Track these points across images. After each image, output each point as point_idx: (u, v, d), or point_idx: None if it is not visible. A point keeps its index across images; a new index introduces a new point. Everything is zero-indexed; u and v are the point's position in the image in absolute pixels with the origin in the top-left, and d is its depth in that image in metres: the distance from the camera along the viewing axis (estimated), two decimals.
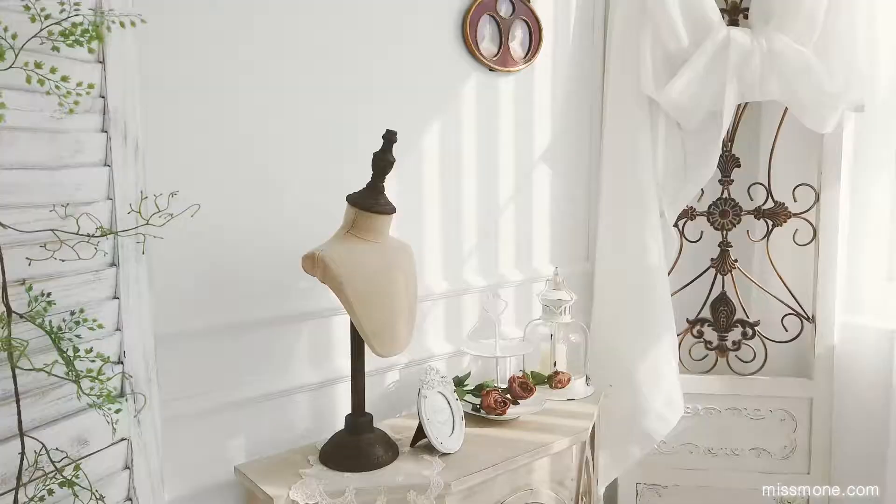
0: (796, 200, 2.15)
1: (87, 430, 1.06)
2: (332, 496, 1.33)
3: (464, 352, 1.91)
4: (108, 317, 1.10)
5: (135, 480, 1.15)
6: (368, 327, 1.34)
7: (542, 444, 1.57)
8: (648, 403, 2.06)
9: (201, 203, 1.41)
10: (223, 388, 1.49)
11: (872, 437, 2.10)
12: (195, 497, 1.46)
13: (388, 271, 1.39)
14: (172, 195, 0.99)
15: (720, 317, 2.23)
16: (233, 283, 1.49)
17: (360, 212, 1.37)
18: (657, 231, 2.08)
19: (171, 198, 0.99)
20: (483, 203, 1.96)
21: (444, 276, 1.89)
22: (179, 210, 1.00)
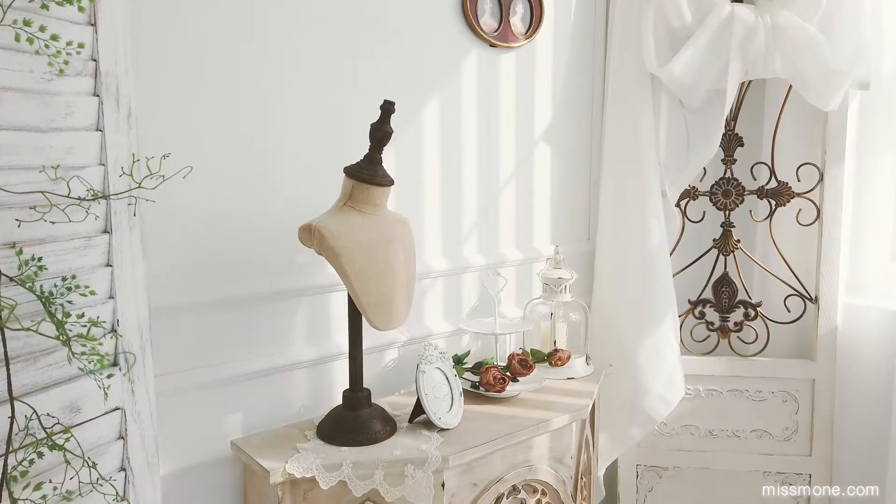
0: (800, 180, 2.13)
1: (80, 397, 1.04)
2: (329, 469, 1.32)
3: (463, 330, 1.90)
4: (101, 284, 1.08)
5: (129, 450, 1.14)
6: (365, 300, 1.33)
7: (541, 420, 1.56)
8: (649, 384, 2.04)
9: (196, 176, 1.41)
10: (218, 364, 1.48)
11: (875, 418, 2.08)
12: (191, 472, 1.45)
13: (385, 244, 1.37)
14: (164, 157, 0.98)
15: (722, 298, 2.21)
16: (227, 257, 1.48)
17: (358, 183, 1.35)
18: (659, 211, 2.05)
19: (163, 160, 0.97)
20: (483, 181, 1.94)
21: (444, 253, 1.87)
22: (171, 173, 0.98)
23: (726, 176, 2.18)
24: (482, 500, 1.48)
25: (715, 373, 2.20)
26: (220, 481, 1.49)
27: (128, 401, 1.13)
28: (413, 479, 1.34)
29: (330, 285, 1.62)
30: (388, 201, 1.48)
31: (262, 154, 1.50)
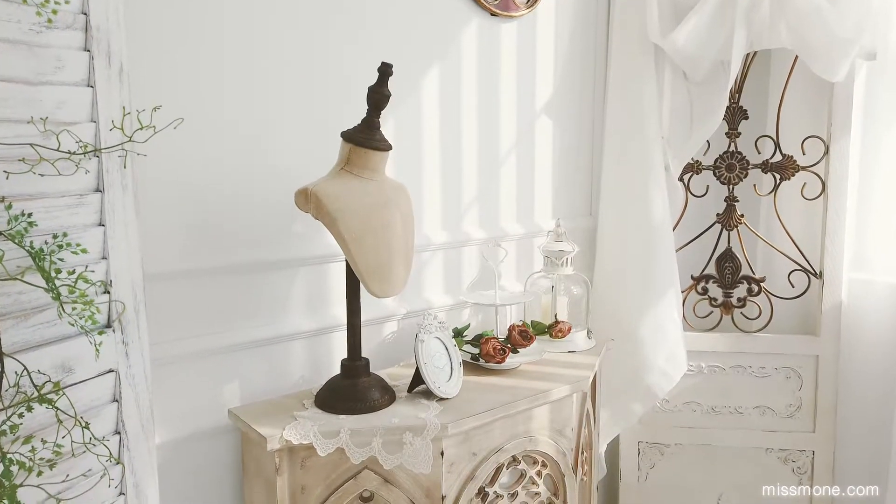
0: (805, 153, 2.10)
1: (72, 357, 1.03)
2: (327, 437, 1.31)
3: (463, 304, 1.88)
4: (94, 244, 1.06)
5: (123, 414, 1.12)
6: (363, 265, 1.31)
7: (541, 390, 1.54)
8: (651, 359, 2.03)
9: (191, 142, 1.39)
10: (215, 333, 1.46)
11: (879, 395, 2.07)
12: (188, 441, 1.44)
13: (383, 209, 1.35)
14: (155, 110, 0.96)
15: (725, 273, 2.19)
16: (223, 225, 1.46)
17: (355, 147, 1.33)
18: (662, 185, 2.03)
19: (153, 112, 0.95)
20: (484, 154, 1.91)
21: (444, 226, 1.85)
22: (162, 126, 0.96)
23: (730, 149, 2.15)
24: (481, 470, 1.46)
25: (718, 349, 2.18)
26: (217, 450, 1.48)
27: (122, 363, 1.12)
28: (412, 447, 1.33)
29: (328, 255, 1.60)
30: (388, 171, 1.46)
31: (258, 121, 1.48)
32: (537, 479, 1.60)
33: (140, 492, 1.16)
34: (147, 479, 1.18)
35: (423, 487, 1.39)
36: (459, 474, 1.43)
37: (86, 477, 1.06)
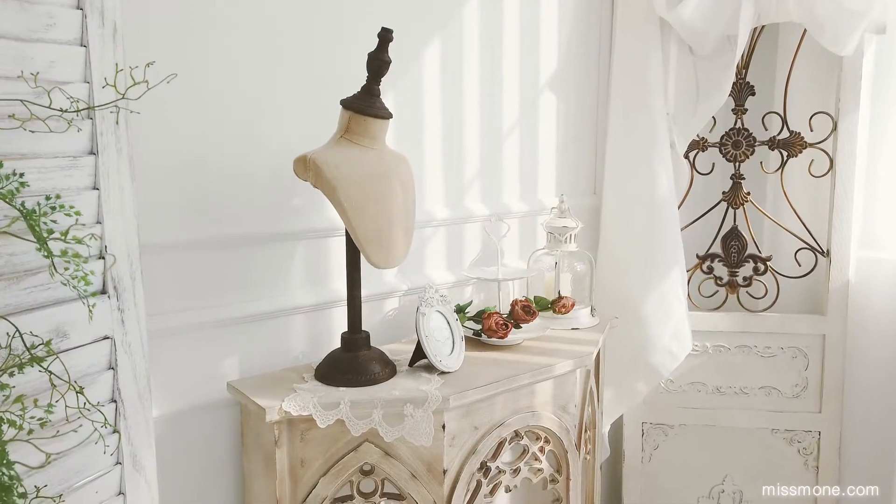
0: (812, 130, 2.07)
1: (67, 322, 1.01)
2: (327, 408, 1.29)
3: (465, 280, 1.86)
4: (88, 208, 1.04)
5: (119, 382, 1.11)
6: (363, 235, 1.29)
7: (544, 365, 1.52)
8: (656, 338, 2.00)
9: (190, 111, 1.37)
10: (213, 306, 1.45)
11: (887, 374, 2.04)
12: (187, 414, 1.42)
13: (384, 177, 1.33)
14: (149, 66, 0.93)
15: (731, 252, 2.16)
16: (221, 196, 1.44)
17: (355, 115, 1.31)
18: (667, 162, 2.00)
19: (146, 69, 0.93)
20: (486, 129, 1.89)
21: (446, 202, 1.83)
22: (155, 81, 0.94)
23: (737, 126, 2.12)
24: (483, 444, 1.45)
25: (723, 329, 2.16)
26: (216, 424, 1.47)
27: (118, 330, 1.10)
28: (413, 419, 1.31)
29: (328, 229, 1.58)
30: (388, 145, 1.43)
31: (257, 92, 1.46)
32: (540, 456, 1.59)
33: (137, 462, 1.15)
34: (144, 449, 1.16)
35: (425, 461, 1.37)
36: (461, 448, 1.41)
37: (81, 444, 1.05)
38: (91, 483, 1.07)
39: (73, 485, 1.04)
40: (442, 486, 1.38)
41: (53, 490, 1.00)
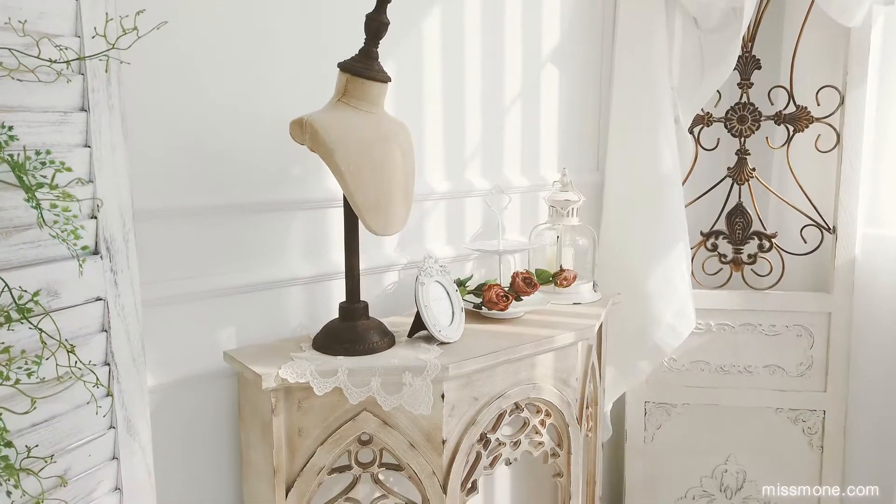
0: (819, 104, 2.04)
1: (58, 281, 0.99)
2: (324, 375, 1.27)
3: (466, 255, 1.84)
4: (79, 165, 1.02)
5: (112, 345, 1.09)
6: (361, 200, 1.26)
7: (545, 336, 1.50)
8: (659, 314, 1.98)
9: (184, 74, 1.34)
10: (209, 275, 1.43)
11: (893, 352, 2.01)
12: (183, 384, 1.41)
13: (382, 142, 1.30)
14: (139, 13, 0.91)
15: (736, 229, 2.13)
16: (218, 162, 1.42)
17: (353, 77, 1.28)
18: (671, 137, 1.98)
19: (137, 17, 0.91)
20: (487, 102, 1.86)
21: (446, 175, 1.80)
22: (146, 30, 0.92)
23: (742, 101, 2.09)
24: (483, 415, 1.43)
25: (727, 307, 2.14)
26: (213, 395, 1.45)
27: (110, 292, 1.08)
28: (411, 388, 1.29)
29: (327, 199, 1.56)
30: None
31: (255, 55, 1.43)
32: (541, 429, 1.57)
33: (131, 427, 1.13)
34: (139, 415, 1.14)
35: (424, 431, 1.36)
36: (461, 419, 1.39)
37: (74, 408, 1.03)
38: (84, 446, 1.05)
39: (66, 447, 1.03)
40: (441, 457, 1.36)
41: (45, 451, 0.98)
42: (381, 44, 1.32)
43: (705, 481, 2.23)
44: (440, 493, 1.37)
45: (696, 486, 2.23)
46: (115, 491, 1.12)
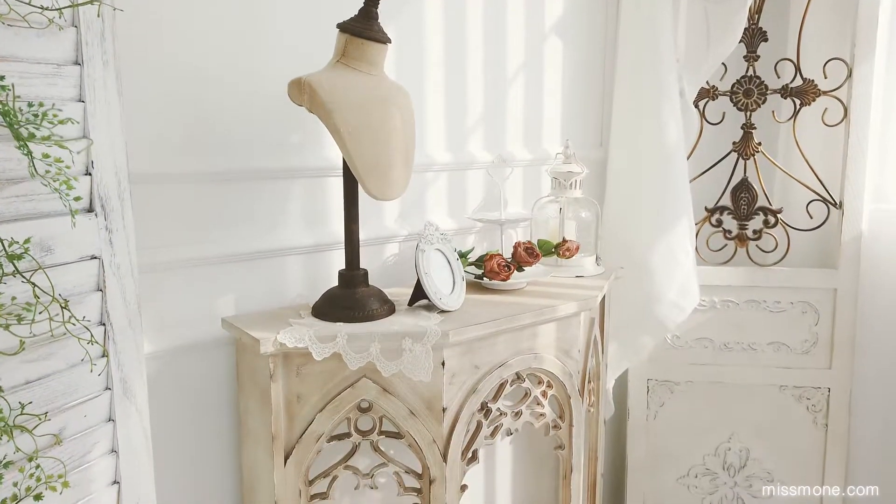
0: (826, 77, 2.01)
1: (51, 237, 0.98)
2: (323, 340, 1.26)
3: (467, 228, 1.82)
4: (73, 119, 1.01)
5: (108, 304, 1.07)
6: (360, 163, 1.24)
7: (547, 306, 1.48)
8: (662, 290, 1.96)
9: (181, 36, 1.32)
10: (207, 241, 1.41)
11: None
12: (180, 351, 1.39)
13: (382, 104, 1.28)
14: None
15: (741, 204, 2.11)
16: (215, 127, 1.40)
17: (352, 38, 1.26)
18: (676, 110, 1.95)
19: None
20: (489, 73, 1.84)
21: (448, 146, 1.78)
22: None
23: (748, 74, 2.06)
24: (484, 384, 1.41)
25: (731, 283, 2.11)
26: (211, 363, 1.44)
27: (105, 251, 1.06)
28: (411, 354, 1.28)
29: (327, 168, 1.54)
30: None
31: (255, 15, 1.41)
32: (542, 400, 1.55)
33: (128, 389, 1.12)
34: (135, 377, 1.13)
35: (424, 398, 1.34)
36: (461, 387, 1.38)
37: (69, 367, 1.02)
38: (79, 406, 1.04)
39: (61, 406, 1.01)
40: (441, 425, 1.35)
41: (39, 409, 0.97)
42: (381, 11, 1.30)
43: (708, 459, 2.22)
44: (440, 461, 1.36)
45: (699, 464, 2.22)
46: (112, 453, 1.11)
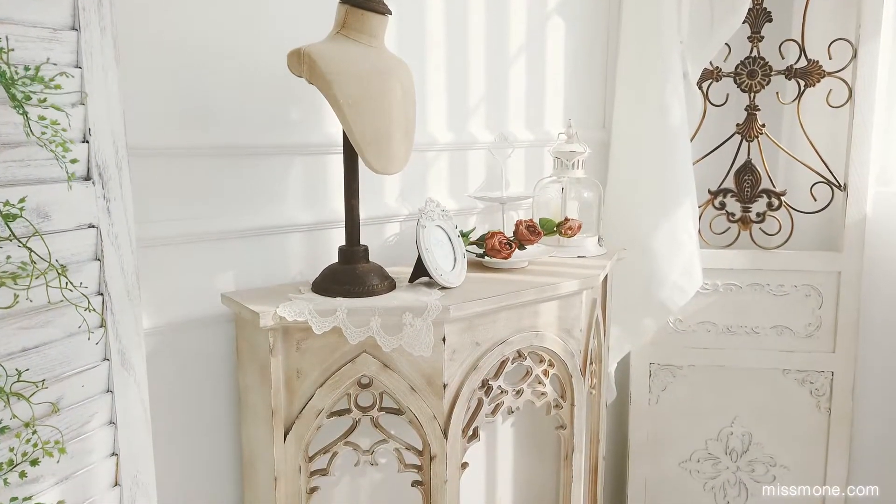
0: (831, 58, 1.99)
1: (48, 203, 0.97)
2: (323, 314, 1.25)
3: (468, 209, 1.81)
4: (70, 86, 1.00)
5: (106, 274, 1.07)
6: (360, 135, 1.23)
7: (549, 283, 1.47)
8: (665, 272, 1.95)
9: (180, 7, 1.31)
10: (206, 217, 1.40)
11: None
12: (180, 327, 1.38)
13: (382, 76, 1.27)
14: None
15: (744, 186, 2.09)
16: (216, 102, 1.39)
17: (351, 8, 1.25)
18: (680, 91, 1.93)
19: None
20: (491, 52, 1.82)
21: (449, 126, 1.77)
22: None
23: (752, 55, 2.05)
24: (485, 361, 1.40)
25: (734, 266, 2.10)
26: (210, 339, 1.43)
27: (103, 220, 1.05)
28: (412, 328, 1.27)
29: (327, 145, 1.53)
30: None
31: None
32: (543, 379, 1.54)
33: (126, 360, 1.11)
34: (134, 349, 1.12)
35: (425, 374, 1.33)
36: (462, 363, 1.37)
37: (67, 336, 1.01)
38: (77, 375, 1.03)
39: (59, 375, 1.00)
40: (442, 401, 1.34)
41: (36, 377, 0.96)
42: None
43: (710, 444, 2.21)
44: (441, 437, 1.35)
45: (702, 449, 2.21)
46: (110, 425, 1.10)
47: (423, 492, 1.39)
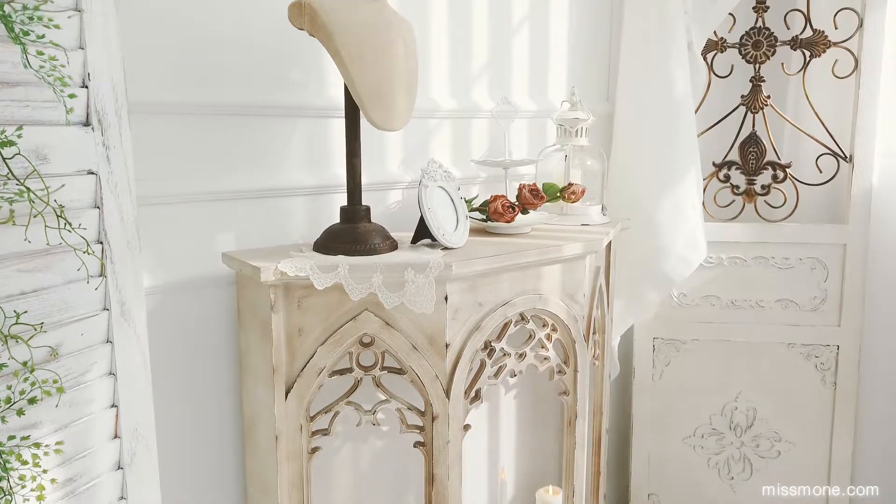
0: (837, 28, 1.97)
1: (47, 145, 0.96)
2: (324, 270, 1.24)
3: (472, 177, 1.80)
4: (69, 30, 0.99)
5: (105, 223, 1.06)
6: (362, 88, 1.22)
7: (553, 245, 1.46)
8: (669, 244, 1.93)
9: None
10: (206, 176, 1.38)
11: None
12: (180, 287, 1.37)
13: (385, 29, 1.26)
14: None
15: (749, 159, 2.08)
16: (218, 59, 1.37)
17: None
18: (684, 62, 1.92)
19: None
20: (494, 20, 1.81)
21: (451, 93, 1.76)
22: None
23: (757, 25, 2.03)
24: (488, 322, 1.39)
25: (739, 239, 2.09)
26: (211, 299, 1.42)
27: (102, 167, 1.05)
28: (414, 285, 1.26)
29: (328, 108, 1.52)
30: None
31: None
32: (547, 343, 1.53)
33: (126, 311, 1.10)
34: (134, 300, 1.11)
35: (427, 333, 1.32)
36: (464, 323, 1.36)
37: (65, 283, 1.01)
38: (76, 323, 1.03)
39: (58, 321, 1.00)
40: (444, 360, 1.33)
41: (34, 320, 0.96)
42: None
43: (714, 419, 2.19)
44: (443, 397, 1.34)
45: (706, 424, 2.20)
46: (110, 375, 1.09)
47: (425, 452, 1.38)
